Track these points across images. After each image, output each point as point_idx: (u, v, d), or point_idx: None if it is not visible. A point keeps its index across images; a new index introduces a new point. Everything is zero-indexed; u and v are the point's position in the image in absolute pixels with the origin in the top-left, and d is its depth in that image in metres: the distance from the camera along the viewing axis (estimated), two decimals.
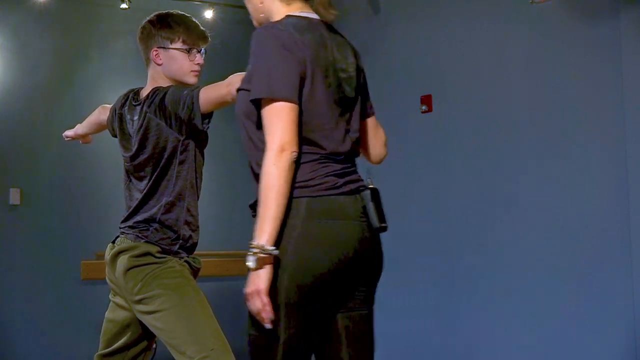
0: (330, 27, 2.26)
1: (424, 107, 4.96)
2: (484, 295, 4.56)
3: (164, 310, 2.76)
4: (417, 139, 5.02)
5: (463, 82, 4.74)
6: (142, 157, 2.89)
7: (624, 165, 3.89)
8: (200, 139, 2.91)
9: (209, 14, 5.14)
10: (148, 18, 3.01)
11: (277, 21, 2.15)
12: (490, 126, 4.58)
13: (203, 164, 2.97)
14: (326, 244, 2.06)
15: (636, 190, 3.84)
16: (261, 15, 2.26)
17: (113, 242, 2.95)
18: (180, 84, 2.93)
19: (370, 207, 2.18)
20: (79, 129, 3.39)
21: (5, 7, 4.78)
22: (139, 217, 2.89)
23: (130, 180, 2.98)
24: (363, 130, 2.37)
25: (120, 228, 2.95)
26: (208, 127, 2.81)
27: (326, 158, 2.12)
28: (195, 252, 2.99)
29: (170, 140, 2.84)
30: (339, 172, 2.13)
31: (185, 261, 2.89)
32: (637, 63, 3.85)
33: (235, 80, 2.67)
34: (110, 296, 2.99)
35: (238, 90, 2.19)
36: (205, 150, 3.01)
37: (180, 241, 2.88)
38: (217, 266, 5.04)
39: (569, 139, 4.16)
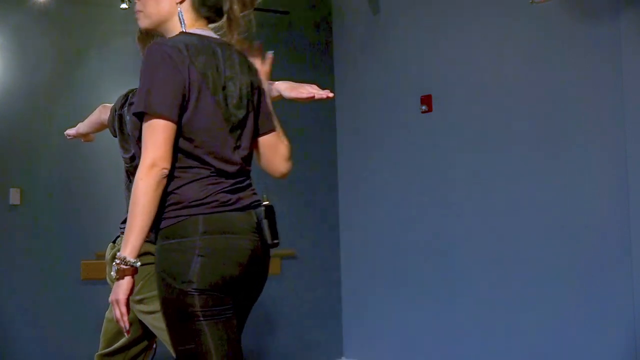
0: (227, 45, 2.31)
1: (424, 107, 4.96)
2: (483, 295, 4.56)
3: None
4: (417, 139, 5.02)
5: (463, 82, 4.74)
6: None
7: (624, 165, 3.89)
8: None
9: None
10: None
11: (172, 38, 2.21)
12: (490, 126, 4.58)
13: None
14: (224, 257, 2.14)
15: (636, 190, 3.84)
16: (161, 20, 2.31)
17: (113, 242, 2.95)
18: None
19: (264, 223, 2.25)
20: (81, 127, 3.39)
21: (5, 7, 4.78)
22: None
23: (130, 181, 2.98)
24: (261, 146, 2.42)
25: (120, 228, 2.95)
26: None
27: (216, 175, 2.18)
28: None
29: None
30: (230, 188, 2.20)
31: None
32: (637, 63, 3.85)
33: None
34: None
35: (130, 104, 2.27)
36: None
37: None
38: None
39: (569, 139, 4.16)
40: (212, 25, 2.36)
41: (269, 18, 5.44)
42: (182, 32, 2.26)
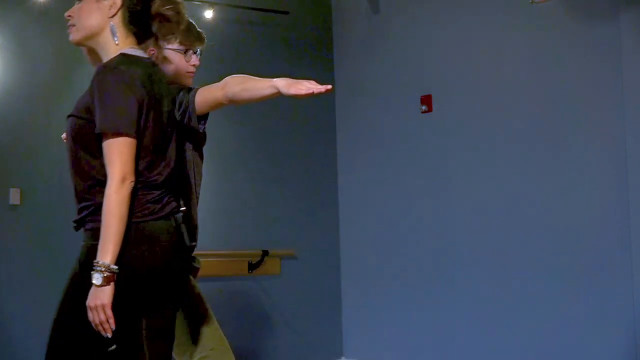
0: (154, 65, 2.50)
1: (424, 107, 4.96)
2: (483, 295, 4.56)
3: None
4: (417, 139, 5.02)
5: (463, 82, 4.74)
6: None
7: (624, 165, 3.89)
8: (198, 139, 2.91)
9: (209, 14, 5.13)
10: None
11: (118, 61, 2.38)
12: (490, 126, 4.58)
13: (202, 164, 2.96)
14: (148, 264, 2.34)
15: (636, 190, 3.84)
16: (93, 33, 2.49)
17: None
18: (175, 85, 2.93)
19: (183, 228, 2.46)
20: None
21: (5, 7, 4.78)
22: None
23: None
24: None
25: None
26: (204, 128, 2.81)
27: (147, 186, 2.37)
28: (195, 252, 2.98)
29: None
30: (156, 198, 2.40)
31: None
32: (637, 63, 3.85)
33: (230, 82, 2.68)
34: None
35: (69, 116, 2.43)
36: (205, 150, 3.01)
37: None
38: (217, 266, 5.04)
39: (569, 138, 4.16)
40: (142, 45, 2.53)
41: (269, 18, 5.44)
42: (121, 54, 2.42)
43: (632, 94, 3.86)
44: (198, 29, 3.02)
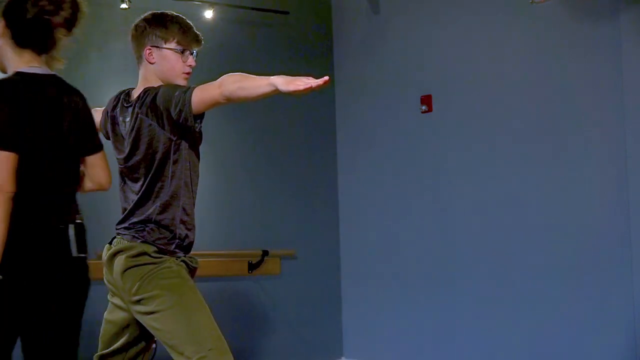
0: (56, 78, 2.58)
1: (424, 107, 4.96)
2: (483, 295, 4.56)
3: (162, 311, 2.77)
4: (417, 139, 5.02)
5: (463, 82, 4.74)
6: (135, 159, 2.89)
7: (624, 165, 3.88)
8: (194, 138, 2.91)
9: (209, 14, 5.13)
10: (143, 16, 3.02)
11: (4, 79, 2.48)
12: (490, 126, 4.58)
13: (198, 163, 2.97)
14: (32, 273, 2.42)
15: (636, 190, 3.84)
16: None
17: (110, 243, 2.96)
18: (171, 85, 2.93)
19: (72, 238, 2.53)
20: None
21: None
22: (135, 219, 2.89)
23: (125, 182, 2.98)
24: (87, 165, 2.70)
25: (116, 230, 2.95)
26: (201, 127, 2.81)
27: (35, 197, 2.45)
28: (194, 252, 2.99)
29: (162, 141, 2.84)
30: (46, 208, 2.48)
31: (182, 261, 2.89)
32: (637, 63, 3.85)
33: (226, 80, 2.68)
34: (108, 297, 3.00)
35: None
36: (204, 150, 3.01)
37: (177, 240, 2.88)
38: (216, 266, 5.04)
39: (569, 138, 4.16)
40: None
41: (269, 18, 5.43)
42: (16, 72, 2.51)
43: (632, 94, 3.86)
44: (196, 31, 3.02)
